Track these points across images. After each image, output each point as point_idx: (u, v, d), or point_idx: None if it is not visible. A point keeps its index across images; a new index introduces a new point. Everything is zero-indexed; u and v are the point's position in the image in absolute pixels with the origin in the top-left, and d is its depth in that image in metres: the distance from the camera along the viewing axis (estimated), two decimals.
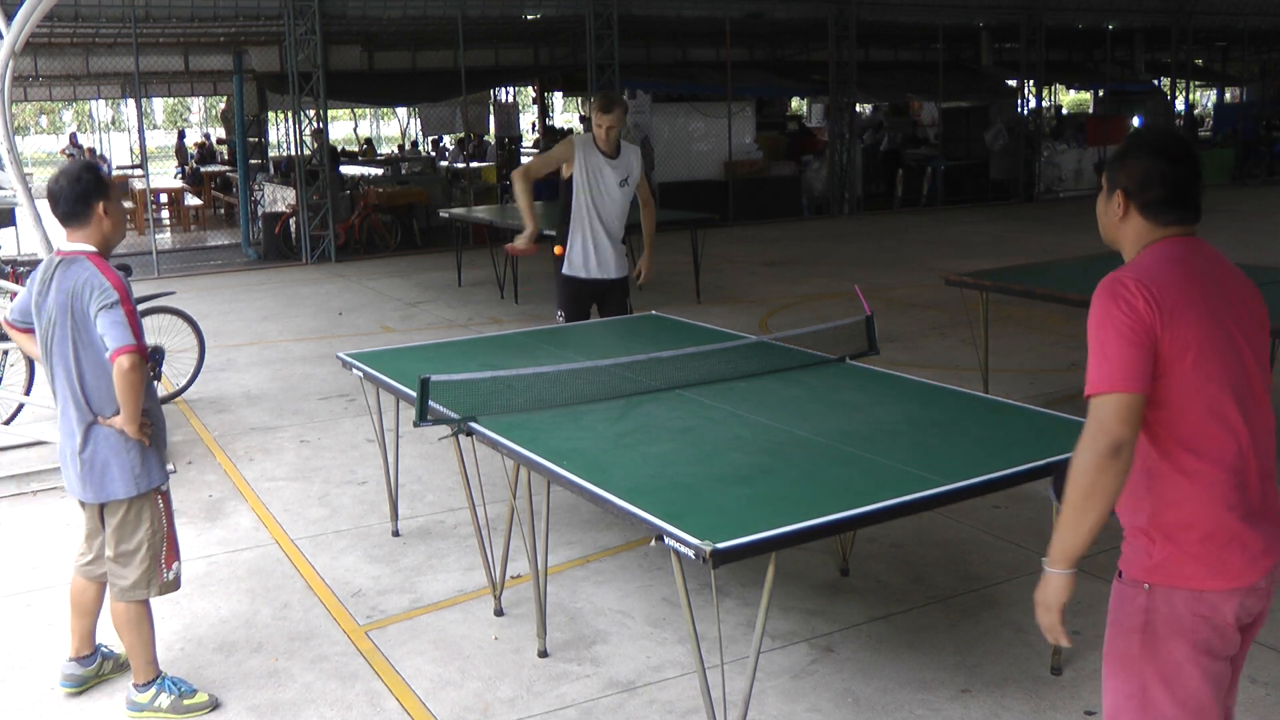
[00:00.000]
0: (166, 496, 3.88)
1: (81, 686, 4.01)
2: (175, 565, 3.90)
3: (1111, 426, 2.26)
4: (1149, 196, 2.43)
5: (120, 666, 4.12)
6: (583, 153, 6.30)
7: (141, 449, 3.74)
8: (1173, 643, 2.37)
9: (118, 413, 3.66)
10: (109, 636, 4.18)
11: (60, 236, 3.84)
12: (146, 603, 3.85)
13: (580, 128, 21.12)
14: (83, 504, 3.88)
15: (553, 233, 6.56)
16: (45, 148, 25.71)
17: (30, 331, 3.89)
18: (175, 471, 6.49)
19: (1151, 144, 2.46)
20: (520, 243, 6.33)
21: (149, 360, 3.67)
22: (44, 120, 39.74)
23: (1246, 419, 2.37)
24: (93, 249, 3.70)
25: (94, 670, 4.04)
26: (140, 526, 3.79)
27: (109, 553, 3.82)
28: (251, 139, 17.92)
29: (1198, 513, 2.35)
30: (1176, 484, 2.35)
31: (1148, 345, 2.29)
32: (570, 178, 6.32)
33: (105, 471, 3.73)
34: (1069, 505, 2.33)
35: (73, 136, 26.73)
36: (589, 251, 6.40)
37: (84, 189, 3.67)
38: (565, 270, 6.44)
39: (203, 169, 23.28)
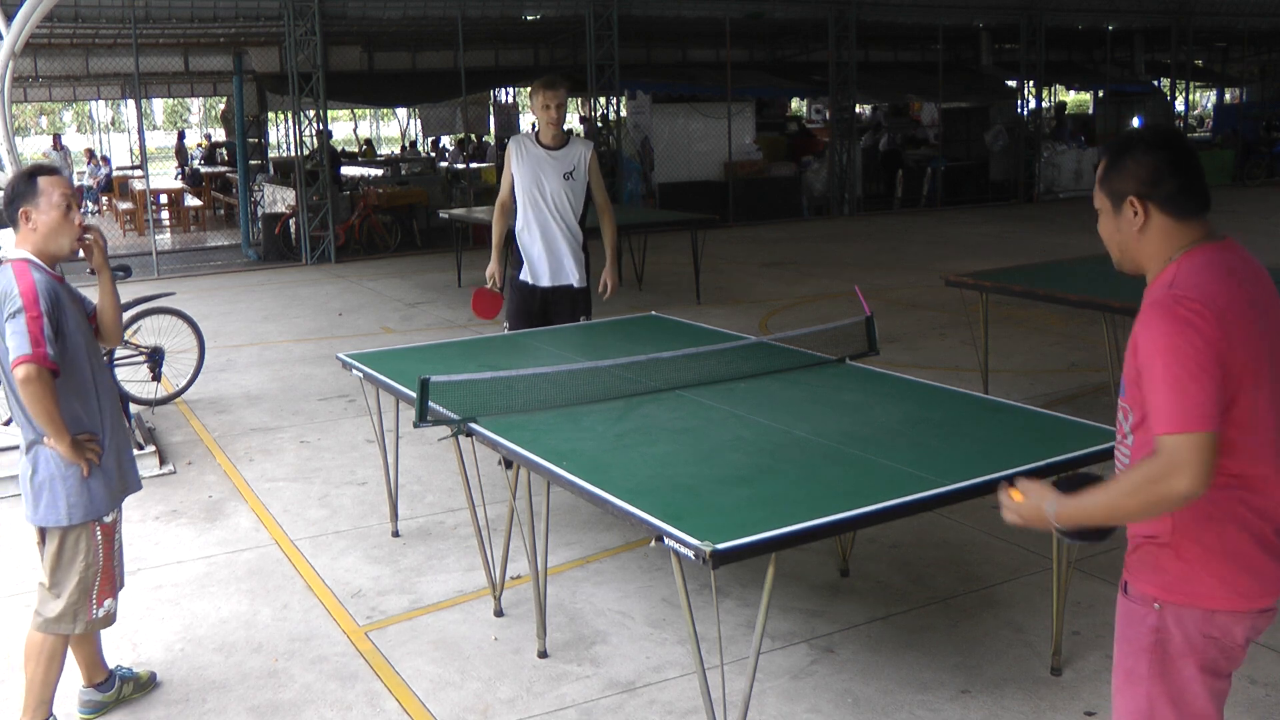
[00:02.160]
0: (110, 528, 3.66)
1: (100, 712, 3.89)
2: (108, 602, 3.70)
3: (1190, 473, 2.12)
4: (1166, 190, 2.27)
5: (141, 687, 3.99)
6: (518, 149, 5.95)
7: (78, 476, 3.52)
8: (1181, 663, 2.32)
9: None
10: (123, 655, 4.18)
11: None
12: (65, 639, 3.65)
13: (581, 129, 21.09)
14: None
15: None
16: (45, 148, 25.60)
17: None
18: (174, 472, 6.49)
19: (1145, 139, 2.32)
20: (490, 278, 6.06)
21: (54, 372, 3.39)
22: (44, 121, 39.76)
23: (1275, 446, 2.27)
24: (23, 255, 3.50)
25: (114, 695, 3.91)
26: (76, 558, 3.59)
27: (43, 579, 3.63)
28: (251, 140, 17.91)
29: (1221, 531, 2.26)
30: (1208, 499, 2.21)
31: (1221, 377, 2.15)
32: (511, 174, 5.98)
33: (40, 494, 3.54)
34: (1110, 507, 2.26)
35: (56, 139, 26.58)
36: (533, 254, 5.99)
37: (11, 194, 3.53)
38: (520, 276, 6.03)
39: (203, 169, 23.29)
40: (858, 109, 20.98)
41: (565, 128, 6.14)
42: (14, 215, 3.54)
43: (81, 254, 3.68)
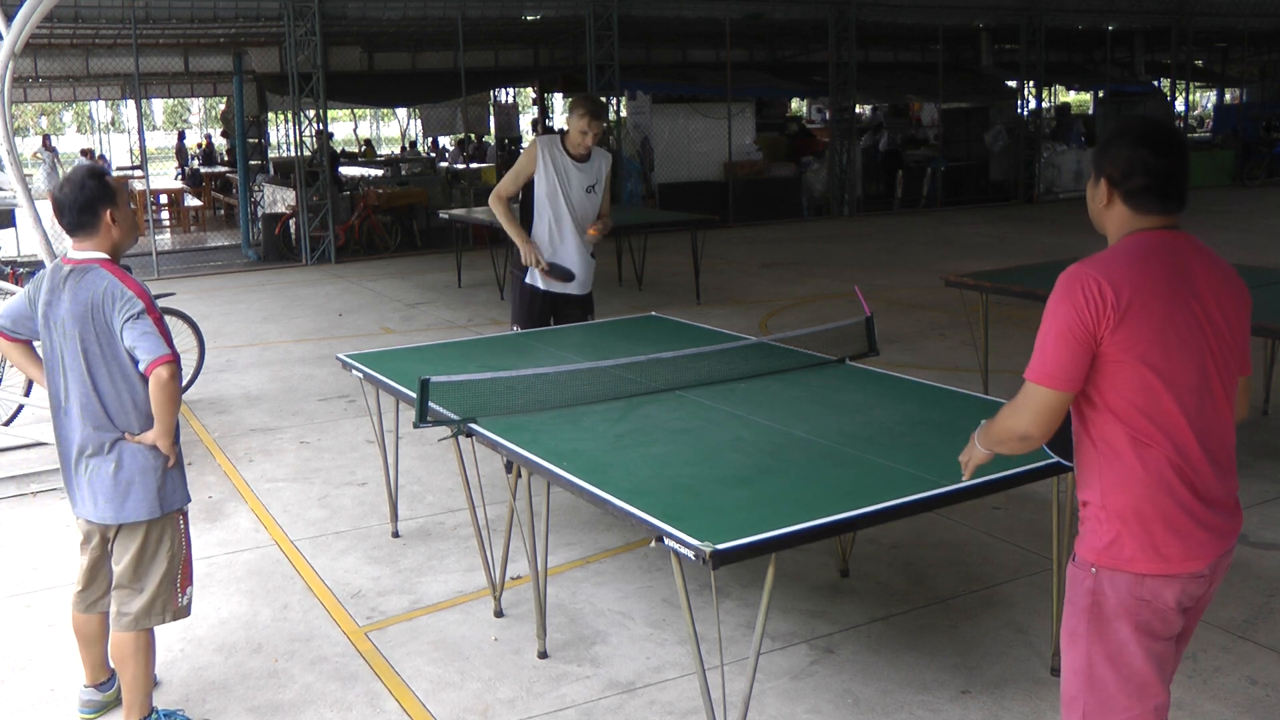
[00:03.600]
0: (186, 518, 3.75)
1: (100, 712, 3.90)
2: (189, 590, 3.76)
3: (1026, 417, 2.44)
4: (1132, 185, 2.45)
5: None
6: (547, 153, 5.83)
7: (166, 467, 3.60)
8: (1116, 624, 2.47)
9: (147, 428, 3.54)
10: None
11: (67, 241, 3.67)
12: (152, 633, 3.69)
13: None
14: (89, 527, 3.69)
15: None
16: (35, 148, 25.49)
17: (20, 342, 3.72)
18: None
19: (1136, 132, 2.47)
20: (535, 261, 5.88)
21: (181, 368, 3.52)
22: (44, 121, 39.77)
23: (1199, 411, 2.43)
24: (104, 256, 3.56)
25: (114, 695, 3.91)
26: (161, 549, 3.64)
27: (122, 579, 3.63)
28: (251, 140, 17.91)
29: (1142, 499, 2.43)
30: (1125, 468, 2.43)
31: (1086, 344, 2.38)
32: (531, 178, 5.88)
33: (129, 491, 3.56)
34: (990, 433, 2.59)
35: (45, 139, 26.49)
36: (568, 263, 5.94)
37: (89, 197, 3.52)
38: (527, 280, 5.98)
39: (203, 170, 23.28)
40: (858, 109, 20.97)
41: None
42: (91, 219, 3.54)
43: None
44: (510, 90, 25.81)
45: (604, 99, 6.23)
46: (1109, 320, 2.35)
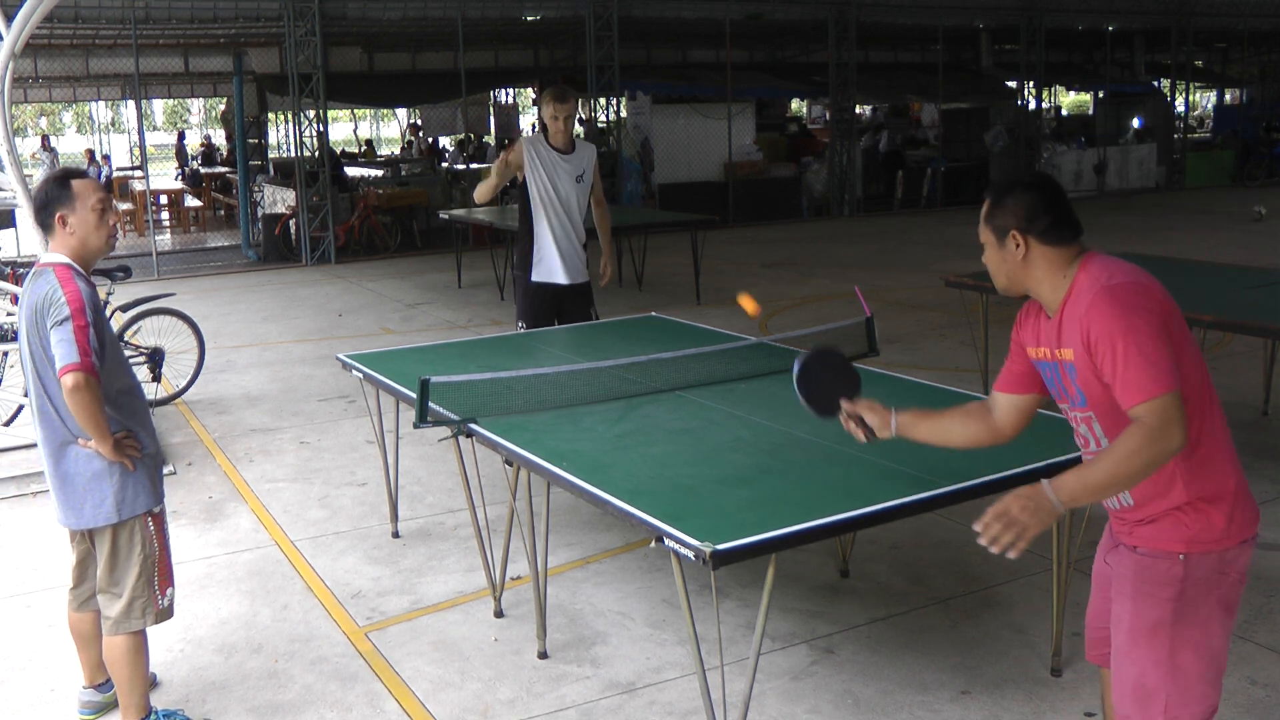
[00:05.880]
0: (159, 518, 3.68)
1: (100, 713, 3.90)
2: (169, 591, 3.72)
3: (1178, 430, 2.36)
4: (1041, 225, 2.57)
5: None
6: (533, 151, 6.04)
7: (123, 472, 3.53)
8: (1203, 605, 2.52)
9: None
10: None
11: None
12: (143, 634, 3.68)
13: (582, 131, 21.10)
14: (70, 531, 3.70)
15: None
16: (34, 149, 25.46)
17: None
18: (174, 473, 6.49)
19: (1022, 183, 2.63)
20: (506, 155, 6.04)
21: (98, 377, 3.39)
22: (44, 122, 39.75)
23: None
24: (62, 260, 3.50)
25: (113, 696, 3.89)
26: (132, 553, 3.60)
27: (100, 583, 3.64)
28: (251, 140, 17.91)
29: (1227, 477, 2.54)
30: (1211, 455, 2.53)
31: (1170, 337, 2.43)
32: (524, 180, 6.06)
33: (85, 496, 3.53)
34: (1108, 477, 2.41)
35: (44, 139, 26.47)
36: (553, 254, 6.10)
37: (44, 199, 3.50)
38: (535, 277, 6.13)
39: (203, 170, 23.28)
40: (858, 109, 20.96)
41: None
42: (48, 220, 3.52)
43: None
44: (510, 91, 25.81)
45: (565, 87, 6.40)
46: (1170, 312, 2.46)
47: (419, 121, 25.42)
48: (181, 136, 29.54)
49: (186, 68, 20.88)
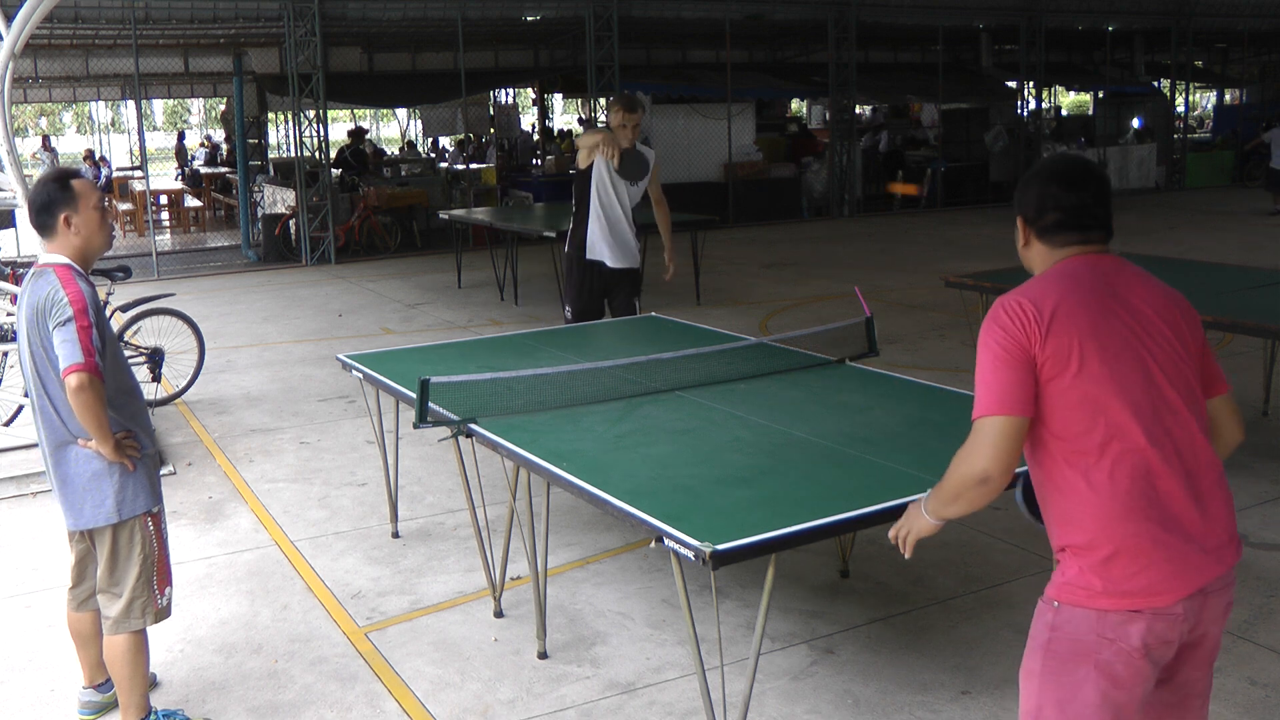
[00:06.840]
0: (158, 518, 3.69)
1: (100, 713, 3.91)
2: (168, 591, 3.73)
3: (984, 454, 2.32)
4: (1045, 222, 2.48)
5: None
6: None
7: (123, 472, 3.55)
8: (1071, 663, 2.32)
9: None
10: None
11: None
12: (143, 633, 3.69)
13: (579, 129, 21.10)
14: (69, 531, 3.71)
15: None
16: (35, 149, 25.45)
17: None
18: (174, 473, 6.49)
19: (1046, 171, 2.51)
20: (612, 155, 6.70)
21: (101, 378, 3.41)
22: (44, 122, 39.75)
23: (1154, 420, 2.31)
24: (63, 260, 3.52)
25: (113, 696, 3.90)
26: (132, 553, 3.62)
27: (100, 583, 3.65)
28: (251, 141, 17.91)
29: (1102, 530, 2.29)
30: (1080, 499, 2.32)
31: (1024, 362, 2.31)
32: (587, 168, 6.73)
33: (85, 496, 3.55)
34: (943, 490, 2.46)
35: (45, 140, 26.45)
36: (607, 238, 6.77)
37: (45, 200, 3.50)
38: (590, 256, 6.77)
39: (203, 170, 23.27)
40: (858, 110, 20.96)
41: (592, 126, 6.76)
42: (50, 221, 3.52)
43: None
44: (510, 91, 25.80)
45: (635, 97, 7.25)
46: (1037, 333, 2.30)
47: (420, 123, 25.44)
48: (181, 136, 29.54)
49: (186, 68, 20.86)
